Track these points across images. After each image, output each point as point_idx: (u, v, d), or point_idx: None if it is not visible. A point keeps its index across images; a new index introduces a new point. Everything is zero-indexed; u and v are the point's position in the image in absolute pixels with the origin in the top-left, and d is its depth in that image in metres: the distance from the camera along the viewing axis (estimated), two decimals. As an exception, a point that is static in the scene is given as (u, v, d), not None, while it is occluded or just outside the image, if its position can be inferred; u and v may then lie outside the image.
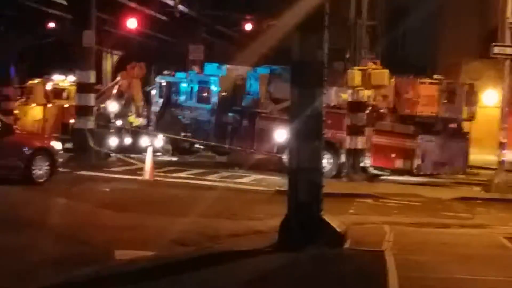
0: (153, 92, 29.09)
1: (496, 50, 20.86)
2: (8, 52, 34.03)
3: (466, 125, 23.91)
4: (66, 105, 29.09)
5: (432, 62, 35.24)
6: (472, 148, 23.86)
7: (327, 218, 11.22)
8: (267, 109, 24.46)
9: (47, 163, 18.24)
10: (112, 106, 27.52)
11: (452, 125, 23.33)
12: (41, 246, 10.57)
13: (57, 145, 19.26)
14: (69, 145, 25.01)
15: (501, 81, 21.80)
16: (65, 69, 33.27)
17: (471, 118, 23.57)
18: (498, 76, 23.40)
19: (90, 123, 24.42)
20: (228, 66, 26.80)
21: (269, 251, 10.81)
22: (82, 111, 24.51)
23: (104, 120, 26.42)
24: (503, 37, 21.22)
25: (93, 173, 21.32)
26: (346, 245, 11.22)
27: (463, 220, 15.80)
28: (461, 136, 23.41)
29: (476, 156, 25.40)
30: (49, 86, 30.59)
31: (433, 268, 9.83)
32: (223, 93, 25.79)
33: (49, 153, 18.49)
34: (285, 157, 21.50)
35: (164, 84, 27.93)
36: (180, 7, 32.39)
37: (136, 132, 26.64)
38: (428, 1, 36.50)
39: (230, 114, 25.42)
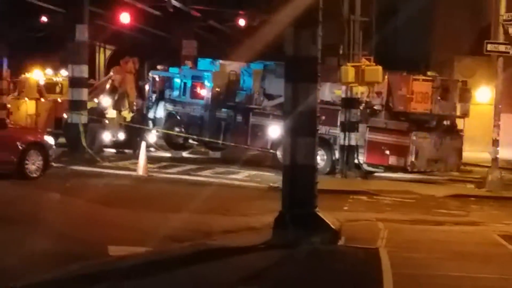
0: (146, 87, 29.02)
1: (489, 47, 20.85)
2: (0, 45, 33.87)
3: (459, 122, 23.90)
4: (59, 100, 28.99)
5: (425, 59, 35.24)
6: (466, 145, 23.87)
7: (322, 214, 11.21)
8: (260, 105, 24.41)
9: (40, 158, 18.05)
10: (105, 101, 27.43)
11: (446, 122, 23.33)
12: (33, 242, 10.51)
13: (50, 139, 19.09)
14: (62, 140, 24.97)
15: (494, 78, 21.80)
16: (58, 63, 33.18)
17: (465, 115, 23.56)
18: (491, 73, 23.41)
19: (83, 118, 24.36)
20: (221, 61, 26.73)
21: (263, 247, 10.80)
22: (75, 105, 24.44)
23: (97, 115, 26.32)
24: (496, 34, 21.22)
25: (86, 168, 21.25)
26: (341, 242, 11.22)
27: (457, 217, 15.81)
28: (454, 133, 23.39)
29: (470, 153, 25.43)
30: (42, 80, 30.47)
31: (427, 265, 9.83)
32: (217, 89, 25.72)
33: (42, 148, 18.29)
34: (279, 153, 21.47)
35: (157, 79, 27.87)
36: (174, 1, 32.30)
37: (129, 127, 26.54)
38: (421, -3, 36.51)
39: (223, 109, 25.35)
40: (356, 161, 22.30)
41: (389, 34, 33.17)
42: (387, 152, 21.98)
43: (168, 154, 26.67)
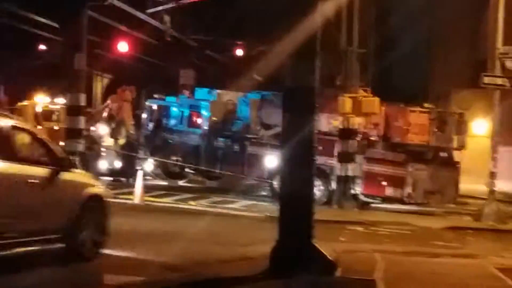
0: (143, 115, 29.05)
1: (486, 80, 20.94)
2: (-2, 73, 33.96)
3: (456, 154, 23.92)
4: (55, 127, 28.98)
5: (422, 90, 35.35)
6: (462, 177, 23.86)
7: (318, 245, 11.15)
8: (257, 134, 24.44)
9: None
10: (102, 129, 27.42)
11: (443, 154, 23.35)
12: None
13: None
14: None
15: (491, 110, 21.86)
16: (55, 92, 33.20)
17: (462, 147, 23.61)
18: (488, 106, 23.48)
19: (80, 146, 24.31)
20: (218, 91, 26.81)
21: (260, 278, 10.72)
22: (72, 133, 24.40)
23: (94, 143, 26.29)
24: (493, 67, 21.33)
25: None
26: (337, 273, 11.14)
27: (454, 249, 15.75)
28: (451, 165, 23.42)
29: (466, 185, 25.40)
30: (39, 108, 30.49)
31: (424, 297, 9.77)
32: (214, 118, 25.76)
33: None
34: (276, 182, 21.45)
35: (154, 108, 27.91)
36: (171, 31, 32.42)
37: (126, 156, 26.51)
38: (419, 30, 36.72)
39: (220, 139, 25.37)
40: (353, 191, 22.27)
41: (387, 66, 33.37)
42: (384, 183, 21.99)
43: (164, 183, 26.61)
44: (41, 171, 10.49)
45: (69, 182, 10.99)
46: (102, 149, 26.50)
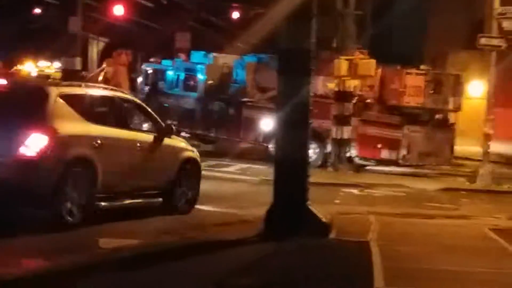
0: (139, 79, 28.96)
1: (483, 41, 20.89)
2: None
3: (452, 116, 23.94)
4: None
5: (418, 52, 35.24)
6: (458, 139, 23.92)
7: (313, 208, 11.22)
8: (253, 98, 24.41)
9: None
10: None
11: (438, 116, 23.38)
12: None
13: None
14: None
15: (487, 72, 21.83)
16: (51, 55, 33.13)
17: (457, 109, 23.62)
18: (484, 67, 23.45)
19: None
20: (214, 54, 26.70)
21: (254, 240, 10.80)
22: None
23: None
24: (490, 28, 21.26)
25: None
26: (332, 235, 11.22)
27: (448, 211, 15.86)
28: (447, 127, 23.45)
29: (461, 147, 25.48)
30: (34, 72, 30.43)
31: (418, 259, 9.84)
32: (210, 82, 25.70)
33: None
34: (271, 146, 21.48)
35: (150, 71, 27.81)
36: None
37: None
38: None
39: (216, 102, 25.34)
40: (348, 154, 22.32)
41: (383, 28, 33.20)
42: (379, 145, 22.04)
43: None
44: (147, 137, 12.48)
45: (169, 146, 12.87)
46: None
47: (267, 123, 22.94)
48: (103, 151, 11.19)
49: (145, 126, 14.33)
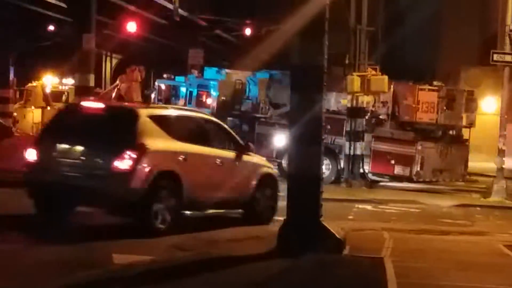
0: (152, 95, 29.05)
1: (496, 57, 20.87)
2: (7, 54, 33.97)
3: (465, 132, 23.89)
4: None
5: (431, 68, 35.29)
6: (471, 155, 23.85)
7: (326, 223, 11.19)
8: (266, 113, 24.44)
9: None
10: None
11: (452, 132, 23.34)
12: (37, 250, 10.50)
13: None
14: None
15: (500, 88, 21.80)
16: (64, 72, 33.25)
17: (471, 125, 23.57)
18: (497, 83, 23.43)
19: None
20: (227, 70, 26.78)
21: (268, 256, 10.77)
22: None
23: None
24: (503, 44, 21.25)
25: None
26: (345, 251, 11.19)
27: (462, 227, 15.77)
28: (460, 143, 23.40)
29: (475, 163, 25.38)
30: (48, 89, 30.57)
31: (432, 275, 9.80)
32: (222, 98, 25.75)
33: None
34: (284, 162, 21.48)
35: (163, 87, 27.90)
36: (180, 11, 32.37)
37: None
38: (427, 7, 36.56)
39: (229, 118, 25.37)
40: (361, 170, 22.29)
41: (396, 44, 33.25)
42: (393, 161, 22.00)
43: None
44: (228, 154, 13.63)
45: (249, 163, 14.06)
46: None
47: (280, 139, 22.96)
48: (187, 165, 12.38)
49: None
